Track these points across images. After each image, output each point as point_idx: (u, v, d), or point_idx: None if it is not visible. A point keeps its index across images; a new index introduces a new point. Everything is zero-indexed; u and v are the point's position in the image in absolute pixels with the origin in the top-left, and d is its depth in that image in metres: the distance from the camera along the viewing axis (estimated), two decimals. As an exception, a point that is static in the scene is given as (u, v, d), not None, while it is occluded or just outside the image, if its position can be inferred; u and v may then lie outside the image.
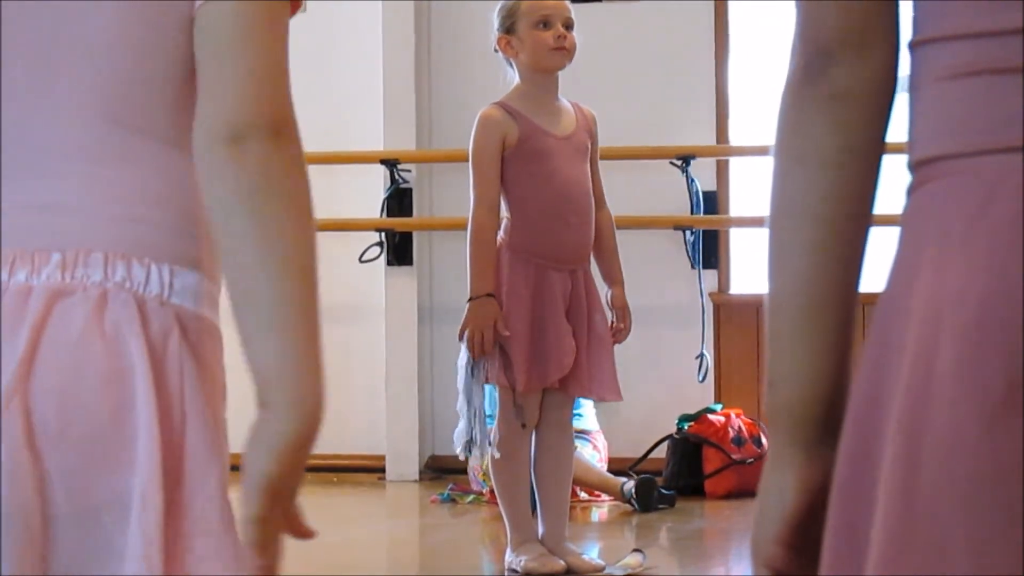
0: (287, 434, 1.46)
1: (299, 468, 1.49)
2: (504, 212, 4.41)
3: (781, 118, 1.31)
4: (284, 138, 1.53)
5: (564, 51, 4.39)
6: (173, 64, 1.56)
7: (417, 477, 6.40)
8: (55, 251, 1.51)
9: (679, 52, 6.36)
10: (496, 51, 4.48)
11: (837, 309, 1.31)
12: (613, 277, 4.59)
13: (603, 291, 4.54)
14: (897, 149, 1.27)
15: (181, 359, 1.52)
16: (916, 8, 1.25)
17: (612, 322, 4.54)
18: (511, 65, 4.46)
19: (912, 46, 1.26)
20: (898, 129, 1.30)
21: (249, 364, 1.51)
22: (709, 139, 6.31)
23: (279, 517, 1.49)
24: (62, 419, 1.46)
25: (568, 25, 4.39)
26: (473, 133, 4.37)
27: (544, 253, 4.36)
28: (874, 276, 1.32)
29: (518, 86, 4.44)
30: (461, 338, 4.34)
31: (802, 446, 1.32)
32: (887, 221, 1.28)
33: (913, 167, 1.25)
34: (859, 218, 1.30)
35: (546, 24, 4.36)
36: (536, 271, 4.35)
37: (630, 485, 5.74)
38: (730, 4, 6.34)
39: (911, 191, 1.25)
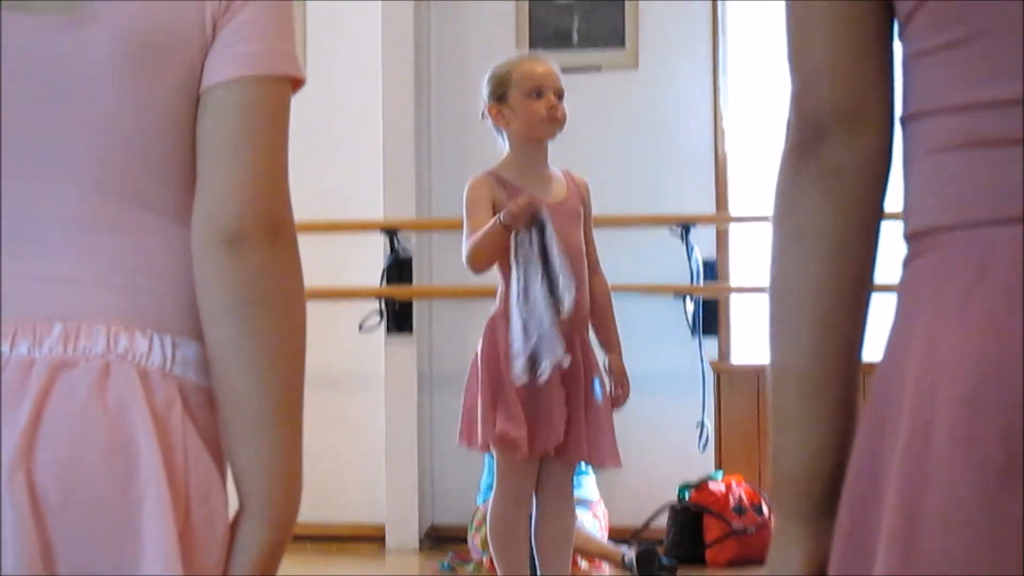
0: (262, 544, 1.55)
1: (275, 562, 1.58)
2: (499, 281, 4.40)
3: (778, 194, 1.32)
4: (281, 240, 1.55)
5: (556, 121, 4.39)
6: (176, 139, 1.57)
7: (417, 546, 6.38)
8: (57, 322, 1.51)
9: (678, 120, 6.39)
10: (484, 118, 4.48)
11: (839, 383, 1.31)
12: (610, 343, 4.57)
13: (601, 357, 4.53)
14: (892, 218, 1.28)
15: (184, 430, 1.52)
16: (908, 82, 1.26)
17: (610, 388, 4.54)
18: (500, 133, 4.46)
19: (905, 120, 1.27)
20: (893, 199, 1.31)
21: (231, 466, 1.55)
22: (709, 207, 6.33)
23: None
24: (66, 490, 1.46)
25: (559, 95, 4.40)
26: (465, 194, 4.38)
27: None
28: (871, 345, 1.33)
29: (508, 155, 4.43)
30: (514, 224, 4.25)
31: (807, 519, 1.32)
32: (884, 289, 1.29)
33: (909, 238, 1.25)
34: (858, 291, 1.31)
35: (538, 93, 4.36)
36: (531, 339, 4.33)
37: (631, 554, 5.71)
38: (728, 73, 6.37)
39: (907, 262, 1.25)
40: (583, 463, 4.70)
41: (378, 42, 6.28)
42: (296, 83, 1.60)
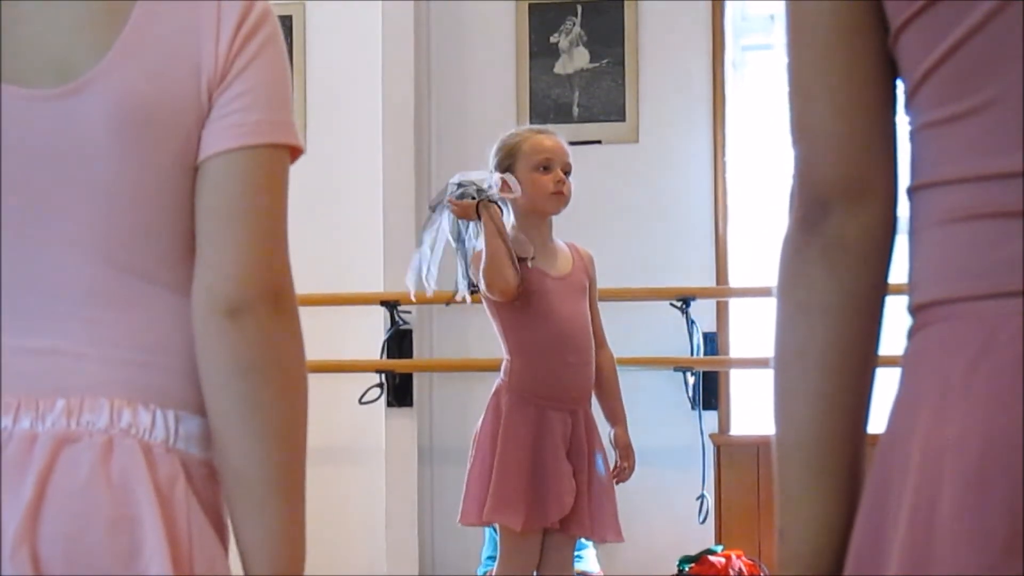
0: None
1: None
2: (504, 354, 4.40)
3: (782, 267, 1.32)
4: (282, 309, 1.55)
5: (562, 196, 4.37)
6: (175, 210, 1.57)
7: (417, 619, 6.35)
8: (60, 397, 1.51)
9: (678, 193, 6.40)
10: (489, 190, 4.47)
11: (844, 456, 1.30)
12: (616, 417, 4.56)
13: (605, 430, 4.52)
14: (895, 291, 1.28)
15: (188, 505, 1.52)
16: (914, 154, 1.26)
17: (615, 462, 4.52)
18: (505, 204, 4.44)
19: (911, 191, 1.27)
20: (896, 271, 1.31)
21: (235, 537, 1.55)
22: (709, 280, 6.33)
23: None
24: (70, 566, 1.46)
25: (567, 170, 4.39)
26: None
27: (544, 393, 4.33)
28: (876, 417, 1.33)
29: (512, 228, 4.41)
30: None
31: None
32: (887, 362, 1.29)
33: (913, 311, 1.25)
34: (863, 364, 1.30)
35: (546, 168, 4.35)
36: (536, 411, 4.31)
37: (632, 628, 5.68)
38: (728, 147, 6.39)
39: (911, 334, 1.25)
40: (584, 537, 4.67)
41: (379, 117, 6.31)
42: (294, 152, 1.60)
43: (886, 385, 1.30)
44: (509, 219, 4.43)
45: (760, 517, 6.12)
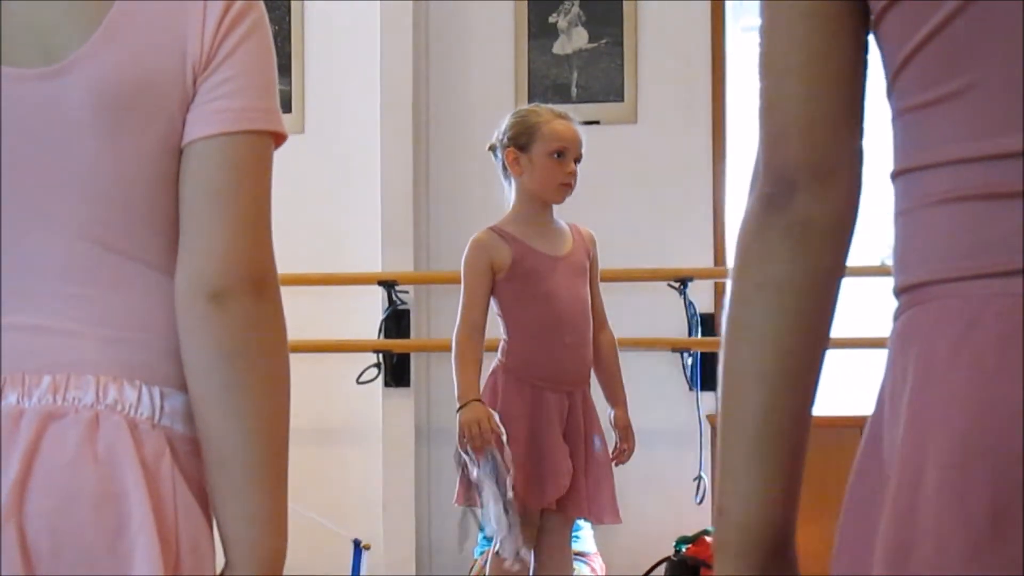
0: None
1: None
2: (502, 334, 4.40)
3: (742, 245, 1.32)
4: (265, 294, 1.56)
5: (569, 188, 4.37)
6: (160, 191, 1.57)
7: (414, 600, 6.36)
8: (46, 373, 1.52)
9: (676, 174, 6.40)
10: (493, 153, 4.45)
11: (790, 436, 1.30)
12: (616, 398, 4.56)
13: (605, 413, 4.52)
14: (870, 273, 1.28)
15: (174, 480, 1.53)
16: (897, 139, 1.26)
17: (615, 443, 4.52)
18: (507, 179, 4.43)
19: (894, 176, 1.27)
20: (870, 254, 1.31)
21: (217, 520, 1.55)
22: (707, 261, 6.33)
23: None
24: (56, 541, 1.46)
25: (578, 159, 4.38)
26: (463, 257, 4.36)
27: (541, 374, 4.33)
28: (859, 399, 1.33)
29: (514, 207, 4.40)
30: (462, 445, 4.22)
31: (752, 574, 1.31)
32: (872, 344, 1.29)
33: (899, 293, 1.25)
34: (815, 345, 1.30)
35: (560, 155, 4.34)
36: (533, 392, 4.31)
37: (628, 608, 5.69)
38: (727, 128, 6.38)
39: (898, 315, 1.25)
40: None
41: (377, 97, 6.30)
42: (278, 139, 1.61)
43: (872, 367, 1.30)
44: (511, 197, 4.42)
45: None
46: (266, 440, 1.55)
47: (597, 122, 6.39)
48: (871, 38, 1.30)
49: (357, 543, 4.73)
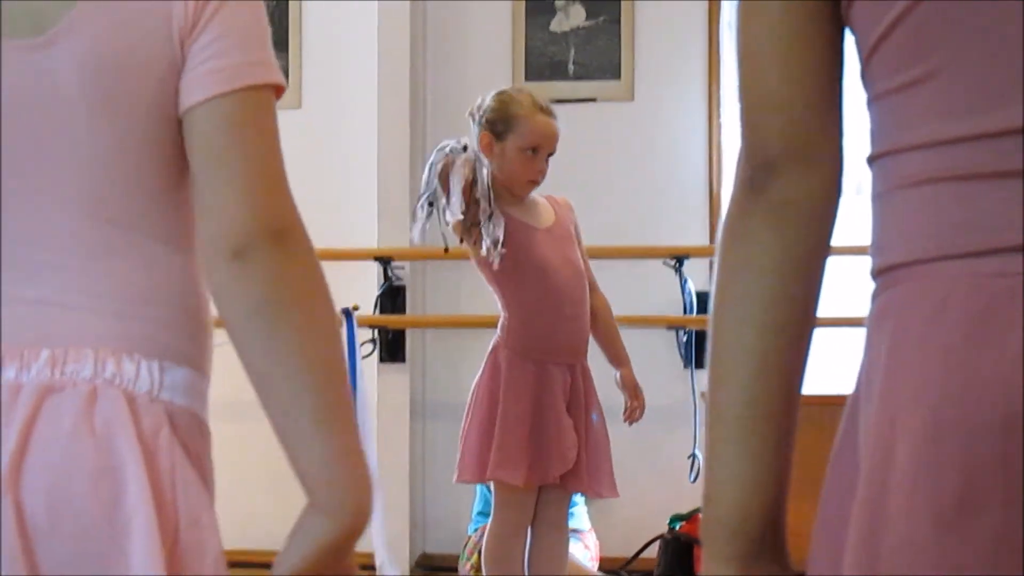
0: (319, 537, 1.51)
1: (337, 559, 1.53)
2: (502, 311, 4.39)
3: (726, 226, 1.32)
4: (290, 242, 1.54)
5: (536, 184, 4.38)
6: (158, 162, 1.56)
7: (408, 574, 6.36)
8: (44, 347, 1.51)
9: (673, 152, 6.40)
10: (470, 118, 4.43)
11: (777, 419, 1.30)
12: (619, 358, 4.57)
13: (607, 377, 4.52)
14: (851, 252, 1.29)
15: (172, 455, 1.52)
16: (872, 124, 1.27)
17: (625, 402, 4.54)
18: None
19: (871, 160, 1.28)
20: (853, 234, 1.32)
21: (296, 471, 1.53)
22: (702, 239, 6.33)
23: None
24: (52, 515, 1.46)
25: (551, 154, 4.38)
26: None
27: (543, 348, 4.33)
28: (843, 378, 1.33)
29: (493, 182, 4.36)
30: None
31: (739, 562, 1.31)
32: (853, 323, 1.29)
33: (876, 274, 1.26)
34: (800, 326, 1.30)
35: (534, 151, 4.32)
36: (536, 367, 4.31)
37: (621, 585, 5.71)
38: (723, 106, 6.38)
39: (874, 297, 1.26)
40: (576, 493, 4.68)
41: (375, 73, 6.29)
42: (278, 90, 1.59)
43: (853, 346, 1.30)
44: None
45: (751, 476, 6.14)
46: (320, 384, 1.52)
47: (594, 99, 6.40)
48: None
49: (347, 310, 4.74)
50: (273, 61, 1.59)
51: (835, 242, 1.32)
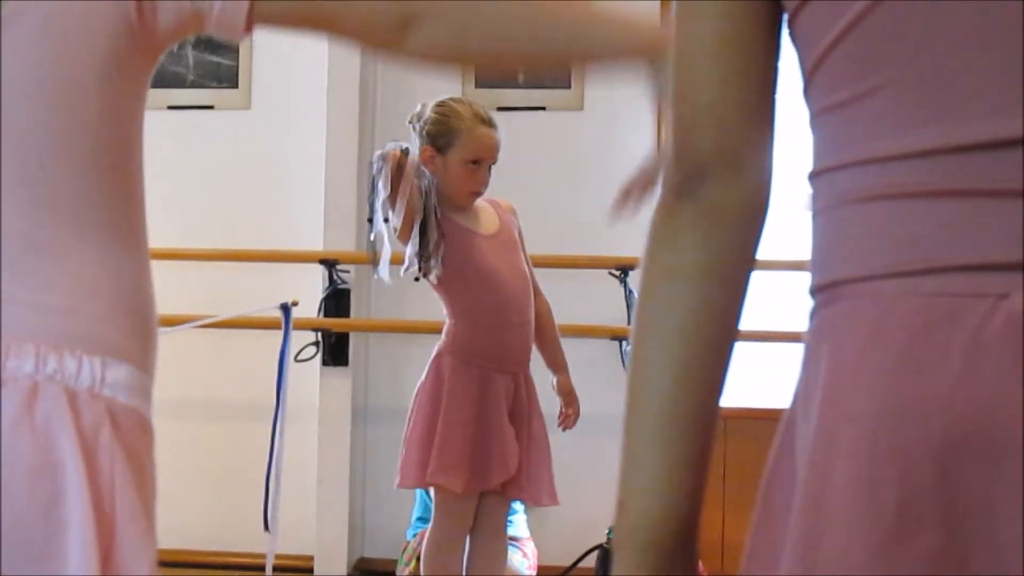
0: None
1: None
2: (447, 318, 4.39)
3: (652, 232, 1.31)
4: None
5: (478, 195, 4.38)
6: (99, 151, 1.55)
7: (345, 579, 6.35)
8: (-15, 342, 1.51)
9: (621, 163, 6.39)
10: (410, 126, 4.43)
11: (696, 428, 1.28)
12: (557, 364, 4.57)
13: (545, 382, 4.53)
14: (788, 267, 1.28)
15: (112, 452, 1.51)
16: (816, 138, 1.27)
17: (560, 409, 4.54)
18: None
19: (812, 176, 1.28)
20: (790, 248, 1.32)
21: None
22: (648, 250, 6.34)
23: None
24: None
25: (493, 164, 4.38)
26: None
27: (488, 355, 4.33)
28: (781, 393, 1.33)
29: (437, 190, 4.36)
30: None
31: (649, 573, 1.28)
32: (790, 338, 1.29)
33: (815, 291, 1.25)
34: (723, 336, 1.29)
35: (476, 163, 4.32)
36: (479, 374, 4.31)
37: (559, 593, 5.71)
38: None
39: (812, 314, 1.25)
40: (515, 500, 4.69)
41: (324, 75, 6.28)
42: None
43: (790, 361, 1.30)
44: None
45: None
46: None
47: (543, 108, 6.40)
48: (786, 39, 1.31)
49: (285, 305, 4.72)
50: None
51: (773, 256, 1.31)
